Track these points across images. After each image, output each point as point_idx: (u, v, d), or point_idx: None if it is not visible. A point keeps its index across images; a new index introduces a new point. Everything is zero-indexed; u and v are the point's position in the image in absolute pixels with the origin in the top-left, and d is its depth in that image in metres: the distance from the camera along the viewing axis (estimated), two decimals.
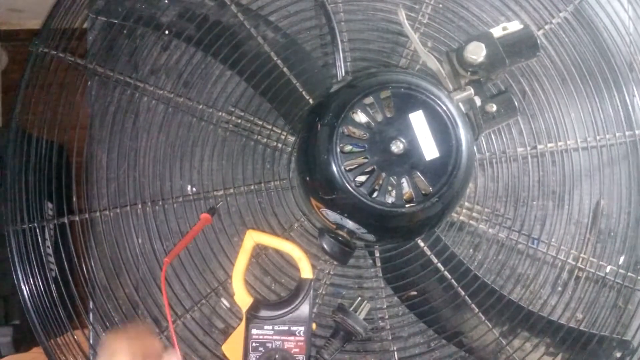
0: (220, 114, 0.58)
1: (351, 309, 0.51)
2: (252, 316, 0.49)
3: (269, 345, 0.48)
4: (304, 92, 0.57)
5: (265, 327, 0.49)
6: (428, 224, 0.49)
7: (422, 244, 0.55)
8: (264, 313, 0.49)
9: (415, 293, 0.56)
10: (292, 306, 0.49)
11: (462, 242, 0.57)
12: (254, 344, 0.49)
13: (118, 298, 0.56)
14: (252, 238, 0.52)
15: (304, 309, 0.49)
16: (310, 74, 0.57)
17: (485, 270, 0.56)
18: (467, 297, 0.54)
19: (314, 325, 0.50)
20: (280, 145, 0.57)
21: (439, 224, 0.54)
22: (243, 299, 0.51)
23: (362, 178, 0.44)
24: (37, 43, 0.58)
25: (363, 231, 0.47)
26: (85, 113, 0.58)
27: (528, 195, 0.57)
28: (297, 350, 0.48)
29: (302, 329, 0.49)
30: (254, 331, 0.49)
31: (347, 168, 0.44)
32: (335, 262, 0.56)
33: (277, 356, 0.48)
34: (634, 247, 0.56)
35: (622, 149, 0.56)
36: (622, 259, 0.56)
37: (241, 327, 0.50)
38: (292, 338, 0.49)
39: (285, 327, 0.49)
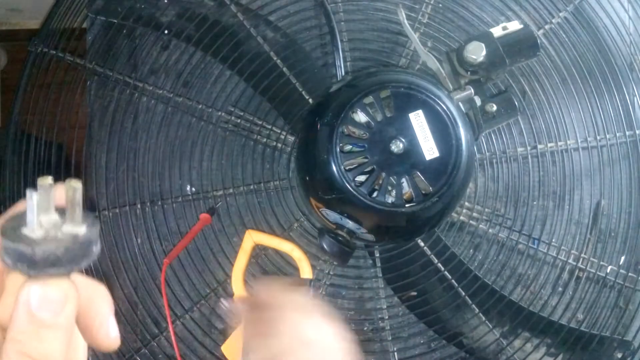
0: (219, 113, 0.58)
1: None
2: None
3: None
4: (303, 92, 0.56)
5: None
6: (428, 223, 0.49)
7: (422, 244, 0.55)
8: None
9: (415, 293, 0.56)
10: None
11: (463, 242, 0.56)
12: None
13: (117, 298, 0.56)
14: (252, 238, 0.52)
15: None
16: (310, 74, 0.57)
17: (486, 271, 0.56)
18: (467, 298, 0.54)
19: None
20: (279, 145, 0.57)
21: (439, 224, 0.54)
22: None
23: (362, 178, 0.44)
24: (37, 43, 0.58)
25: (363, 231, 0.47)
26: (85, 113, 0.58)
27: (528, 195, 0.57)
28: None
29: None
30: None
31: (347, 168, 0.44)
32: (335, 263, 0.56)
33: None
34: (635, 247, 0.56)
35: (622, 148, 0.56)
36: (622, 259, 0.56)
37: (240, 328, 0.50)
38: None
39: None
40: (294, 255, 0.52)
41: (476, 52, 0.45)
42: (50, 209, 0.22)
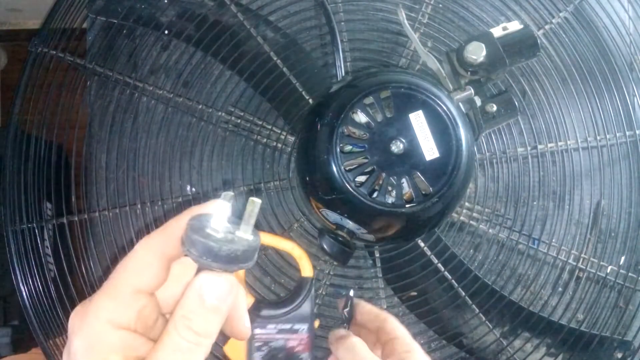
0: (219, 113, 0.58)
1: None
2: (254, 316, 0.49)
3: (273, 344, 0.48)
4: (303, 92, 0.56)
5: (268, 326, 0.49)
6: (428, 224, 0.49)
7: (422, 245, 0.55)
8: (265, 312, 0.49)
9: (415, 293, 0.56)
10: (294, 305, 0.49)
11: (463, 243, 0.56)
12: (257, 344, 0.48)
13: None
14: None
15: (306, 307, 0.49)
16: (310, 74, 0.57)
17: (486, 271, 0.56)
18: (467, 298, 0.54)
19: (316, 323, 0.50)
20: (280, 145, 0.57)
21: (439, 224, 0.54)
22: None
23: (362, 178, 0.44)
24: (37, 43, 0.58)
25: (363, 231, 0.47)
26: (85, 113, 0.58)
27: (528, 195, 0.57)
28: (300, 348, 0.48)
29: (305, 326, 0.48)
30: (256, 331, 0.48)
31: (347, 168, 0.44)
32: (335, 263, 0.56)
33: (280, 355, 0.48)
34: (635, 247, 0.56)
35: (622, 148, 0.56)
36: (622, 259, 0.56)
37: None
38: (295, 336, 0.48)
39: (288, 326, 0.48)
40: (294, 253, 0.51)
41: (476, 53, 0.45)
42: (228, 217, 0.27)
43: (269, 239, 0.52)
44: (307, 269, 0.50)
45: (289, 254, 0.52)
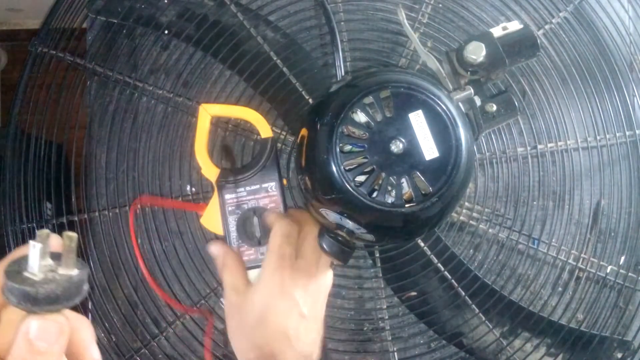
0: None
1: None
2: (223, 183, 0.49)
3: (245, 205, 0.49)
4: (303, 92, 0.56)
5: (238, 190, 0.49)
6: (428, 224, 0.49)
7: (422, 244, 0.55)
8: (232, 178, 0.49)
9: (415, 293, 0.56)
10: (259, 165, 0.49)
11: (463, 243, 0.56)
12: (230, 208, 0.49)
13: (117, 298, 0.56)
14: (207, 112, 0.50)
15: (271, 166, 0.49)
16: (309, 74, 0.57)
17: (486, 271, 0.56)
18: (467, 298, 0.54)
19: (284, 181, 0.50)
20: (279, 145, 0.57)
21: (439, 224, 0.54)
22: (211, 171, 0.50)
23: (361, 178, 0.44)
24: (37, 43, 0.58)
25: (363, 231, 0.47)
26: (85, 113, 0.58)
27: (528, 195, 0.57)
28: (272, 205, 0.49)
29: (272, 184, 0.49)
30: (227, 196, 0.49)
31: (347, 168, 0.44)
32: (335, 262, 0.56)
33: (254, 212, 0.48)
34: (635, 247, 0.56)
35: (622, 148, 0.56)
36: (622, 259, 0.56)
37: (215, 197, 0.49)
38: (265, 194, 0.49)
39: (257, 186, 0.49)
40: (249, 118, 0.50)
41: (476, 52, 0.45)
42: (47, 255, 0.27)
43: (224, 110, 0.52)
44: (265, 130, 0.50)
45: (244, 120, 0.51)
